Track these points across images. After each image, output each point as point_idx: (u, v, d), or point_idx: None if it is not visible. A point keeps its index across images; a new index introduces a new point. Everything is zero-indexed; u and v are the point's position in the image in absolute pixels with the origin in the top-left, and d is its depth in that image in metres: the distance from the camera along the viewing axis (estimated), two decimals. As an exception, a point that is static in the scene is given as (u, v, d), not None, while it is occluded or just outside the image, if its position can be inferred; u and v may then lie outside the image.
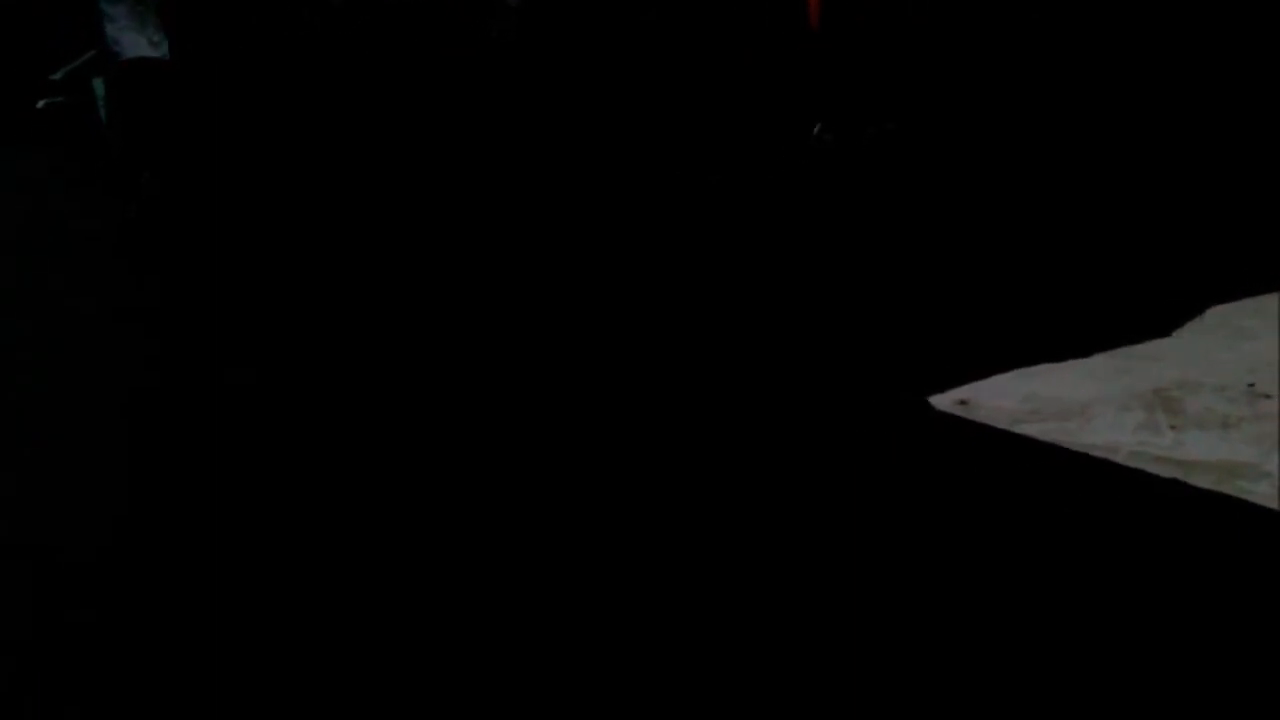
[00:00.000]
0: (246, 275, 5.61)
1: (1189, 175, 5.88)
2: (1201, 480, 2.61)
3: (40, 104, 9.50)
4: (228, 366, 4.30)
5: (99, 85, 6.90)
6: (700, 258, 5.44)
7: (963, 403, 3.35)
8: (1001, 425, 3.13)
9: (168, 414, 3.89)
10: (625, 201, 6.56)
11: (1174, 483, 2.62)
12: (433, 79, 9.16)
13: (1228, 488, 2.56)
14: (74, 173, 8.05)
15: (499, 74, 9.09)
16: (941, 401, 3.37)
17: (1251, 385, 3.18)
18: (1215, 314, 3.84)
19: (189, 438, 3.64)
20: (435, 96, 8.94)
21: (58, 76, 9.37)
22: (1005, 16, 8.39)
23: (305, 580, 2.60)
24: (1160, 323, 3.77)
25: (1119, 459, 2.79)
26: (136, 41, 6.11)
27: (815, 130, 7.40)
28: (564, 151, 7.69)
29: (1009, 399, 3.32)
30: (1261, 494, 2.52)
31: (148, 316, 5.14)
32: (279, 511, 3.01)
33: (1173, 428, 2.95)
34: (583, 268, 5.36)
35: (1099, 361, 3.54)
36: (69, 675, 2.27)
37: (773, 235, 5.84)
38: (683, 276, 5.14)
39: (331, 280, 5.41)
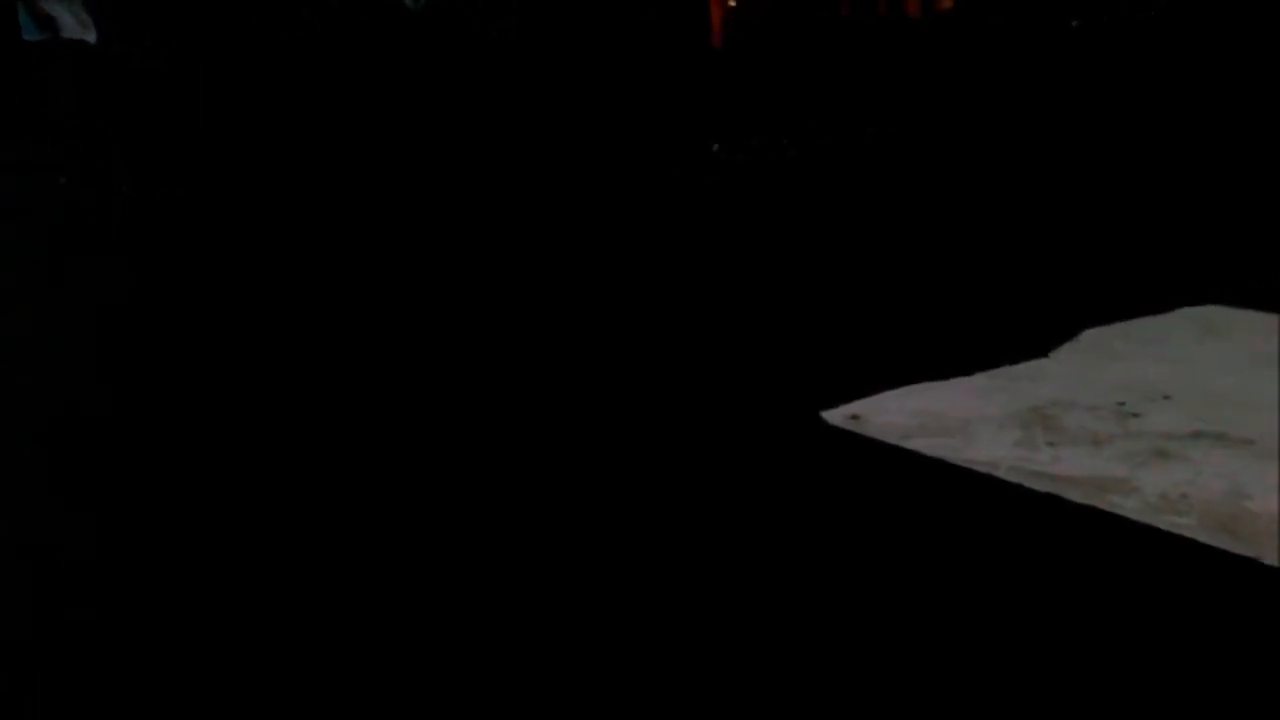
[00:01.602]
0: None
1: (1065, 206, 6.19)
2: (1075, 494, 2.74)
3: None
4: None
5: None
6: (599, 273, 5.47)
7: (854, 417, 3.45)
8: (891, 439, 3.23)
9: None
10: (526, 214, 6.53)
11: (1049, 497, 2.75)
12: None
13: (1099, 502, 2.69)
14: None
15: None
16: (834, 416, 3.46)
17: (1122, 404, 3.36)
18: (1089, 336, 4.05)
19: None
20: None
21: None
22: (901, 39, 8.68)
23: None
24: (1038, 344, 3.96)
25: (999, 473, 2.90)
26: (63, 18, 5.91)
27: (714, 148, 7.52)
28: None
29: (898, 414, 3.44)
30: (1131, 508, 2.66)
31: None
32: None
33: (1049, 444, 3.09)
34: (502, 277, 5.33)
35: (981, 380, 3.70)
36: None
37: (671, 252, 5.91)
38: (582, 289, 5.16)
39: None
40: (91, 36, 5.96)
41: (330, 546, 2.78)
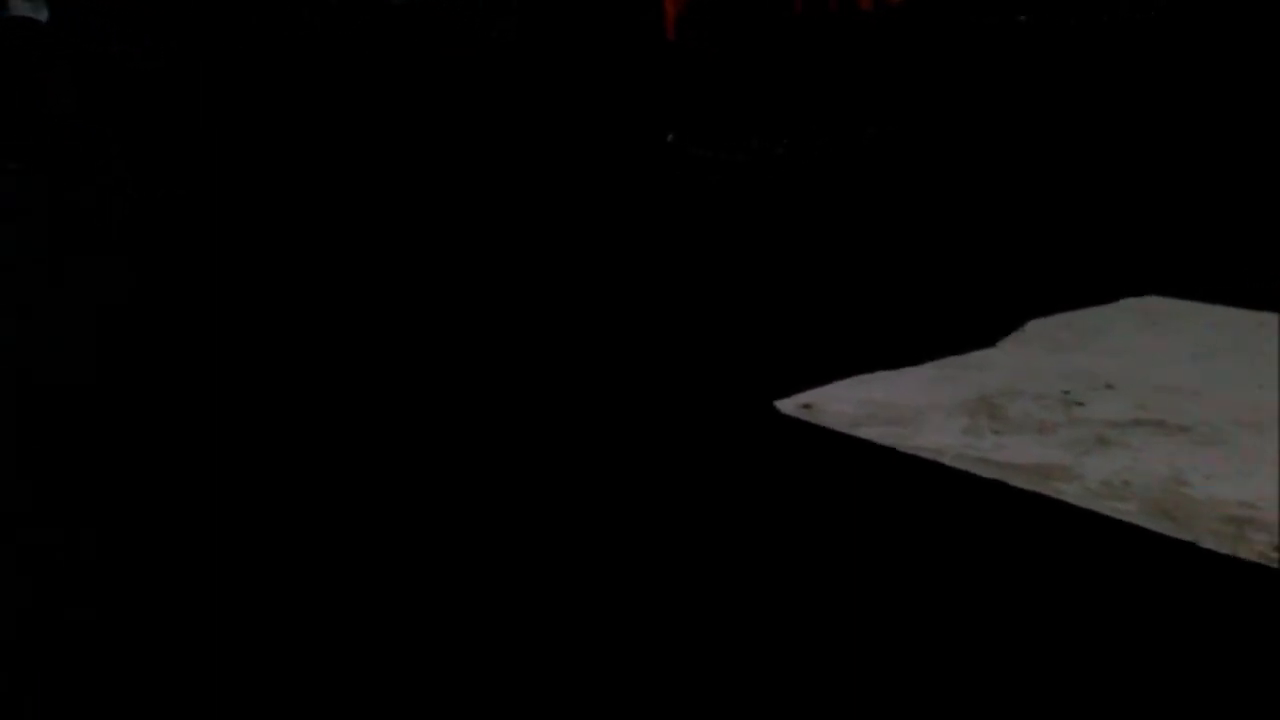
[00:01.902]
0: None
1: (1010, 200, 6.29)
2: (1019, 481, 2.79)
3: None
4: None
5: None
6: (555, 263, 5.46)
7: (806, 406, 3.49)
8: (842, 428, 3.27)
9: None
10: (480, 207, 6.50)
11: (995, 483, 2.80)
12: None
13: (1043, 488, 2.75)
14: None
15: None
16: (787, 405, 3.50)
17: (1066, 393, 3.43)
18: (1034, 327, 4.14)
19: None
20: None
21: None
22: (847, 42, 8.75)
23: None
24: (985, 334, 4.03)
25: (946, 460, 2.95)
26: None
27: (669, 138, 7.53)
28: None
29: (849, 403, 3.48)
30: (1073, 494, 2.72)
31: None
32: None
33: (995, 432, 3.15)
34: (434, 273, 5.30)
35: (930, 370, 3.76)
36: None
37: (628, 241, 5.92)
38: (536, 279, 5.15)
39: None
40: (43, 15, 5.83)
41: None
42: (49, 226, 6.50)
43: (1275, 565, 2.32)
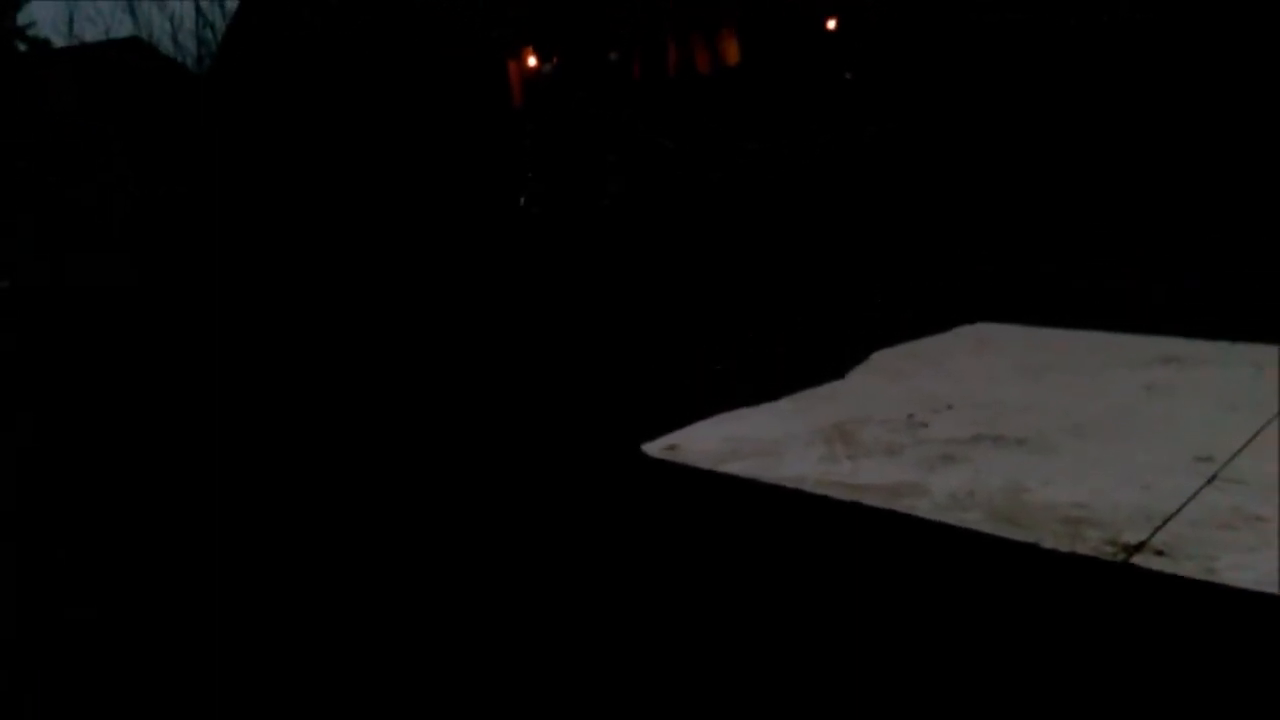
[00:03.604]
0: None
1: (852, 243, 6.63)
2: (874, 500, 2.93)
3: None
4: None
5: None
6: (427, 323, 5.42)
7: (671, 448, 3.56)
8: (706, 465, 3.36)
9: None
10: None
11: (851, 504, 2.93)
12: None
13: (896, 505, 2.89)
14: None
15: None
16: (652, 448, 3.57)
17: (911, 416, 3.62)
18: (879, 358, 4.36)
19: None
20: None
21: None
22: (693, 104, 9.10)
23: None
24: (835, 366, 4.22)
25: (807, 487, 3.07)
26: None
27: (522, 201, 7.63)
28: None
29: (712, 441, 3.58)
30: (924, 508, 2.87)
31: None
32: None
33: (849, 457, 3.29)
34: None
35: (786, 404, 3.91)
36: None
37: (493, 298, 5.93)
38: (410, 335, 5.10)
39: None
40: None
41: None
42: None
43: (1109, 558, 2.51)
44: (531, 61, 9.79)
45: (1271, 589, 2.25)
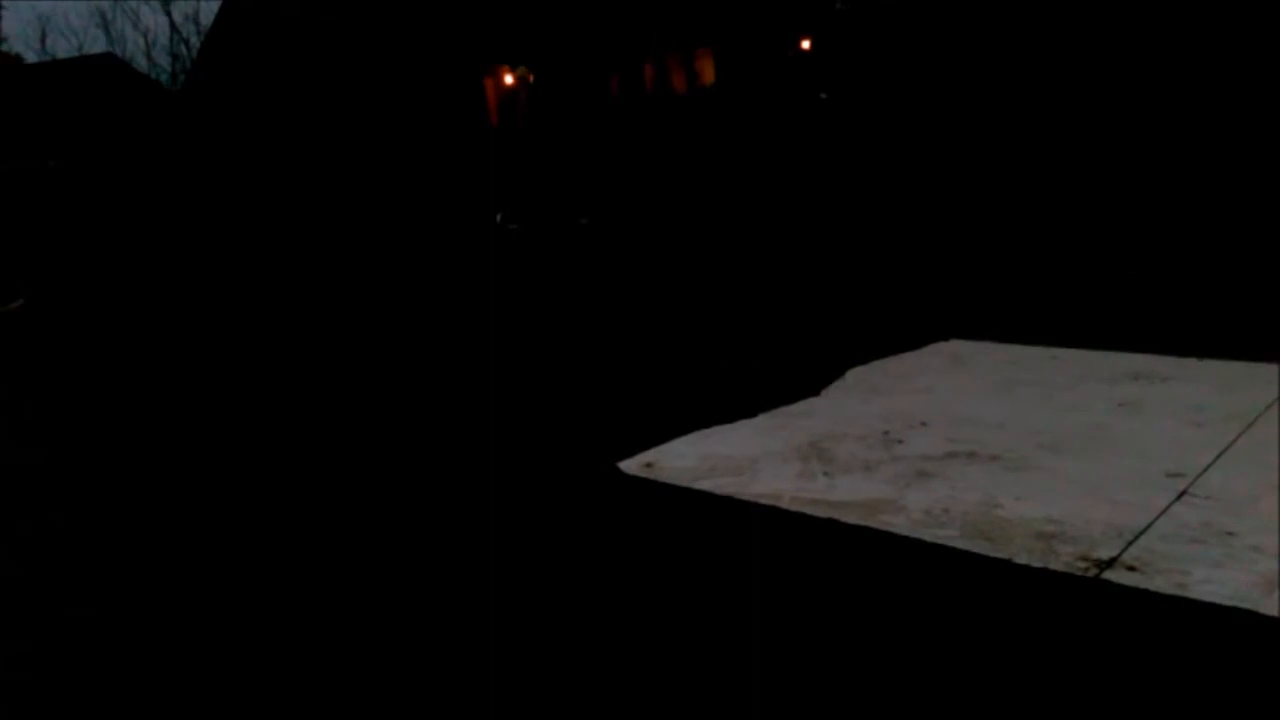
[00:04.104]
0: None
1: (826, 263, 6.68)
2: (850, 517, 2.94)
3: None
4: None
5: None
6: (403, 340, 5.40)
7: (648, 465, 3.57)
8: (683, 483, 3.36)
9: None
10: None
11: (829, 521, 2.94)
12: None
13: (872, 521, 2.91)
14: None
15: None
16: (630, 466, 3.56)
17: (887, 433, 3.65)
18: (854, 375, 4.39)
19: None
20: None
21: None
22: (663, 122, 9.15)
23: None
24: (810, 384, 4.25)
25: (783, 504, 3.08)
26: None
27: (498, 218, 7.64)
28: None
29: (688, 459, 3.59)
30: (899, 525, 2.89)
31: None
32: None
33: (825, 474, 3.31)
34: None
35: (762, 421, 3.92)
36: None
37: (467, 313, 5.92)
38: (389, 352, 5.07)
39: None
40: None
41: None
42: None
43: (1081, 574, 2.53)
44: (508, 80, 9.82)
45: (1242, 604, 2.27)
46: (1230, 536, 2.60)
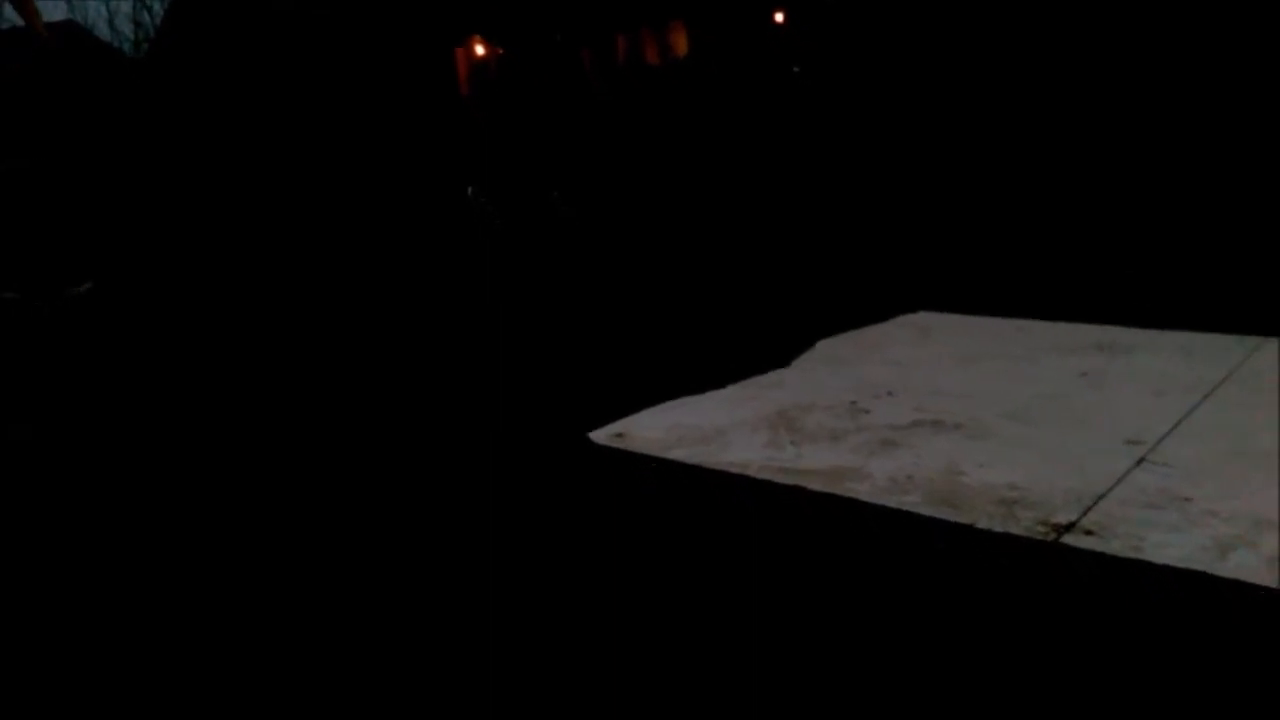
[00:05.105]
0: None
1: (795, 235, 6.70)
2: (816, 484, 2.98)
3: None
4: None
5: None
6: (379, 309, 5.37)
7: (618, 435, 3.58)
8: (653, 452, 3.38)
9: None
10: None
11: (795, 488, 2.97)
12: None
13: (837, 488, 2.94)
14: None
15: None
16: (600, 435, 3.58)
17: (853, 403, 3.68)
18: (823, 346, 4.43)
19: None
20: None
21: None
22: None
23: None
24: (780, 355, 4.27)
25: (751, 472, 3.11)
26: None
27: (469, 191, 7.59)
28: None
29: (658, 429, 3.61)
30: (864, 491, 2.92)
31: None
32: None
33: (793, 443, 3.34)
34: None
35: (732, 391, 3.95)
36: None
37: (439, 286, 5.89)
38: (361, 323, 5.05)
39: None
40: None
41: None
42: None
43: (1040, 538, 2.58)
44: (479, 50, 9.73)
45: (1195, 566, 2.33)
46: (1186, 502, 2.66)
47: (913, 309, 4.84)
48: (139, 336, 5.24)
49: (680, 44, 10.13)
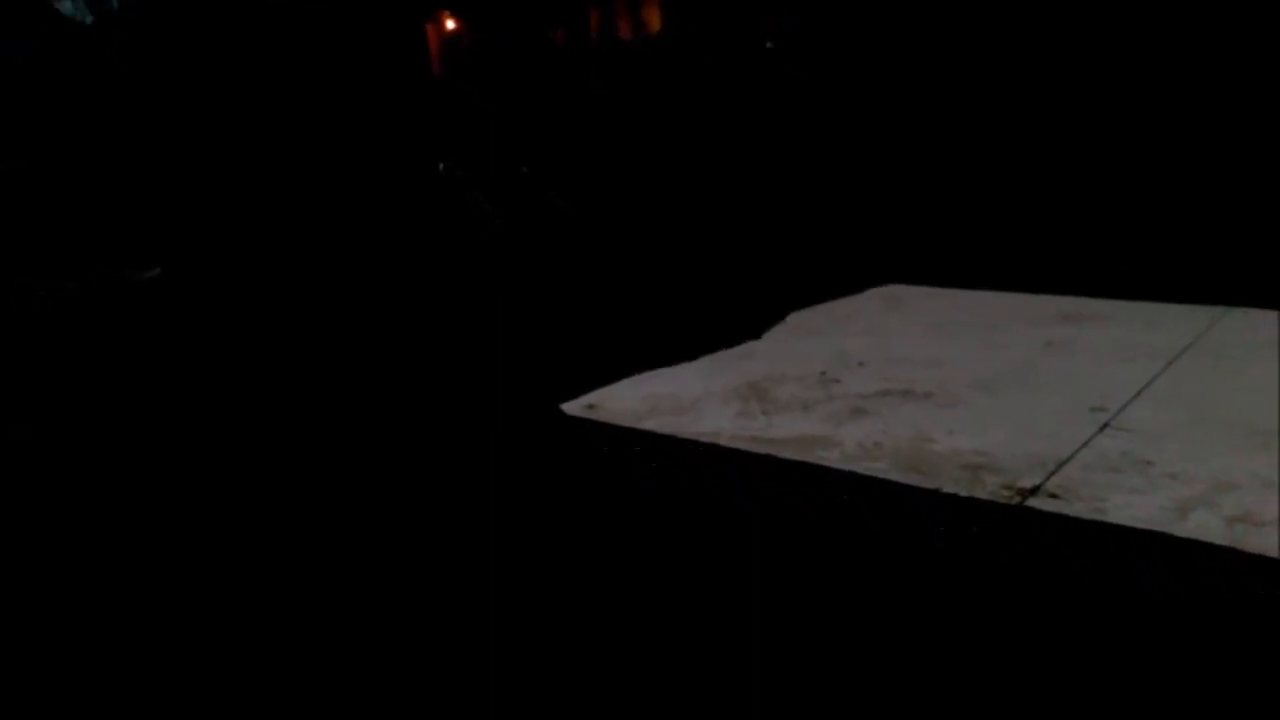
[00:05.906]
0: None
1: (770, 209, 6.72)
2: (787, 453, 3.01)
3: None
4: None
5: None
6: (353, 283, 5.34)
7: (591, 406, 3.60)
8: (625, 423, 3.40)
9: None
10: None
11: (766, 457, 3.00)
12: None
13: (808, 456, 2.97)
14: None
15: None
16: (572, 407, 3.59)
17: (824, 373, 3.72)
18: (795, 318, 4.46)
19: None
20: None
21: None
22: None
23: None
24: (752, 327, 4.30)
25: (723, 442, 3.14)
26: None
27: (442, 166, 7.54)
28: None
29: (631, 400, 3.63)
30: (834, 459, 2.96)
31: None
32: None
33: (764, 413, 3.37)
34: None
35: (704, 363, 3.97)
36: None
37: (418, 260, 5.87)
38: (335, 299, 5.02)
39: None
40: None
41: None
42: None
43: (1005, 501, 2.63)
44: (450, 25, 9.64)
45: (1155, 527, 2.38)
46: (1148, 465, 2.72)
47: (883, 282, 4.88)
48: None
49: (654, 20, 10.08)
